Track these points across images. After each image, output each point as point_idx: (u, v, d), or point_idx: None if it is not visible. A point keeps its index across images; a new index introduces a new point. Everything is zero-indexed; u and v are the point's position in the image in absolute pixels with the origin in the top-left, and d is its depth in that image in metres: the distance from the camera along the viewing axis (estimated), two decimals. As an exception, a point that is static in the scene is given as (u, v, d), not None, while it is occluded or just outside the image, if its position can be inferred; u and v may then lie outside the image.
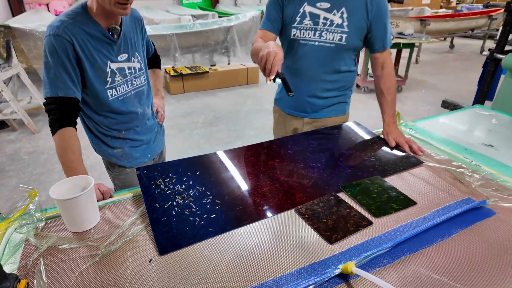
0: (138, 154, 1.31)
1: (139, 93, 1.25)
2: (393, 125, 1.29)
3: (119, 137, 1.25)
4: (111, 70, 1.11)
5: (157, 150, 1.41)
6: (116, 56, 1.12)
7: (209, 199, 0.91)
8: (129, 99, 1.21)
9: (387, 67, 1.32)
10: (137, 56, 1.21)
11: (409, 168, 1.10)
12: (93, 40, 1.04)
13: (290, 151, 1.18)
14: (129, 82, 1.19)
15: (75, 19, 1.01)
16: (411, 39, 4.32)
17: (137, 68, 1.21)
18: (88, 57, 1.04)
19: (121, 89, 1.17)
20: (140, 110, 1.26)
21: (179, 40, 4.83)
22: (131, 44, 1.17)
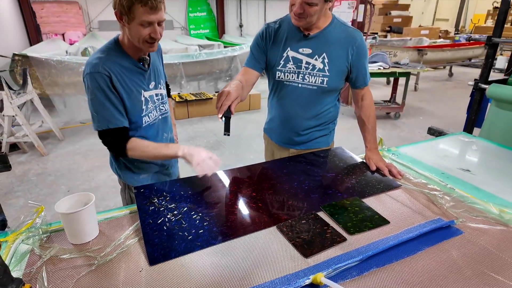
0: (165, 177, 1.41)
1: (165, 119, 1.34)
2: (374, 150, 1.38)
3: (147, 164, 1.33)
4: (145, 98, 1.21)
5: (176, 173, 1.51)
6: (148, 85, 1.22)
7: (198, 215, 1.00)
8: (157, 124, 1.30)
9: (366, 99, 1.43)
10: (162, 83, 1.31)
11: (386, 190, 1.18)
12: (127, 71, 1.15)
13: (277, 173, 1.28)
14: (157, 108, 1.28)
15: (110, 54, 1.12)
16: (407, 68, 4.49)
17: (163, 94, 1.31)
18: (125, 88, 1.14)
19: (151, 115, 1.26)
20: (165, 135, 1.36)
21: (185, 69, 5.08)
22: (157, 72, 1.28)
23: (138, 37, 1.07)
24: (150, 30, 1.06)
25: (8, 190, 2.88)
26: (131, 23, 1.04)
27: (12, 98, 3.35)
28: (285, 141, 1.53)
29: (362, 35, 1.36)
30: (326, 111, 1.45)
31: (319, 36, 1.32)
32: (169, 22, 10.74)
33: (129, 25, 1.05)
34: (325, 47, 1.32)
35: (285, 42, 1.36)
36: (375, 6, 10.94)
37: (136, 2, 1.00)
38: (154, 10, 1.02)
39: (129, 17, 1.03)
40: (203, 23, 11.15)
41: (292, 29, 1.35)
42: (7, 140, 3.42)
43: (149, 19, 1.03)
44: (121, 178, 1.35)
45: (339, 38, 1.32)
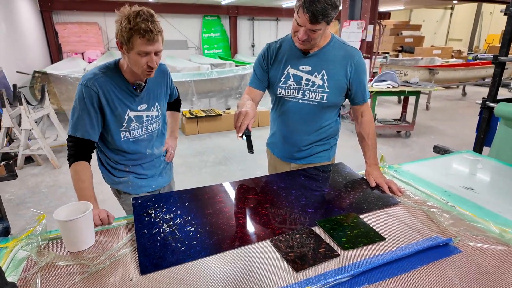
0: (143, 183, 1.44)
1: (151, 136, 1.40)
2: (374, 166, 1.37)
3: (126, 170, 1.39)
4: (129, 117, 1.29)
5: (162, 183, 1.53)
6: (136, 106, 1.30)
7: (192, 227, 1.01)
8: (140, 141, 1.37)
9: (366, 115, 1.45)
10: (156, 106, 1.38)
11: (385, 207, 1.17)
12: (118, 91, 1.24)
13: (275, 187, 1.28)
14: (143, 127, 1.35)
15: (106, 73, 1.22)
16: (416, 87, 4.47)
17: (154, 116, 1.38)
18: (110, 105, 1.23)
19: (134, 132, 1.33)
20: (149, 151, 1.41)
21: (196, 86, 5.21)
22: (153, 96, 1.35)
23: (137, 65, 1.16)
24: (147, 60, 1.15)
25: (20, 201, 2.96)
26: (130, 52, 1.13)
27: (30, 112, 3.50)
28: (286, 155, 1.54)
29: (361, 53, 1.40)
30: (326, 126, 1.46)
31: (318, 54, 1.36)
32: (183, 42, 11.13)
33: (128, 53, 1.14)
34: (324, 64, 1.36)
35: (286, 61, 1.40)
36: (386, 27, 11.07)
37: (135, 34, 1.08)
38: (151, 42, 1.10)
39: (128, 47, 1.12)
40: (217, 43, 11.50)
41: (292, 48, 1.39)
42: (22, 152, 3.55)
43: (146, 50, 1.12)
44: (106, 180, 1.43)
45: (337, 56, 1.36)
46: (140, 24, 1.07)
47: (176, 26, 10.86)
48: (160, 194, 1.19)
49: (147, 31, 1.08)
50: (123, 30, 1.09)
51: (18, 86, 3.90)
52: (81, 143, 1.19)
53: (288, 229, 1.02)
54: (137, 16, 1.07)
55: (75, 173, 1.17)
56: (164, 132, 1.50)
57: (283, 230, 1.01)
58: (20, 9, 7.09)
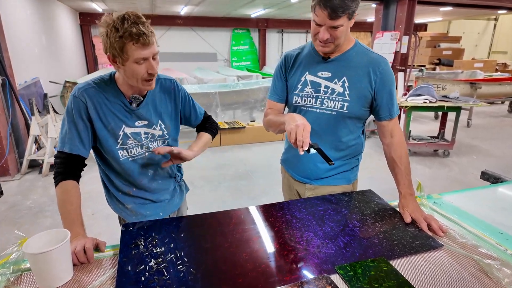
0: (149, 212, 1.29)
1: (154, 156, 1.24)
2: (409, 197, 1.15)
3: (129, 194, 1.26)
4: (124, 133, 1.15)
5: (171, 209, 1.37)
6: (133, 122, 1.16)
7: (184, 266, 0.85)
8: (140, 160, 1.22)
9: (396, 135, 1.24)
10: (160, 124, 1.22)
11: (423, 251, 0.94)
12: (111, 105, 1.11)
13: (287, 218, 1.10)
14: (144, 145, 1.20)
15: (99, 85, 1.11)
16: (457, 102, 4.10)
17: (157, 135, 1.22)
18: (102, 119, 1.11)
19: (133, 151, 1.19)
20: (151, 172, 1.26)
21: (221, 98, 5.16)
22: (156, 113, 1.20)
23: (136, 76, 1.03)
24: (146, 67, 1.03)
25: (40, 209, 2.98)
26: (126, 64, 1.01)
27: (56, 121, 3.57)
28: (301, 174, 1.36)
29: (388, 62, 1.21)
30: (347, 142, 1.27)
31: (339, 59, 1.20)
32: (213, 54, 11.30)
33: (124, 66, 1.01)
34: (346, 70, 1.19)
35: (304, 67, 1.26)
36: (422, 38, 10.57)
37: (127, 41, 0.96)
38: (146, 45, 0.99)
39: (122, 58, 0.99)
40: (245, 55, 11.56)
41: (311, 53, 1.25)
42: (48, 160, 3.62)
43: (143, 56, 1.00)
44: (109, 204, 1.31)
45: (361, 62, 1.19)
46: (131, 29, 0.94)
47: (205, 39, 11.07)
48: (155, 221, 1.04)
49: (140, 34, 0.95)
50: (113, 40, 0.96)
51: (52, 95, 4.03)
52: (70, 159, 1.08)
53: (298, 276, 0.83)
54: (124, 21, 0.95)
55: (62, 194, 1.05)
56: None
57: (294, 277, 0.83)
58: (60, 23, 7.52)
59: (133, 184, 1.23)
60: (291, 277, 0.82)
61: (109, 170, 1.21)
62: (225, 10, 9.48)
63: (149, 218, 1.27)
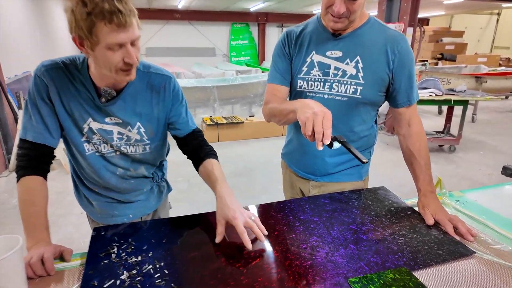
0: (116, 212, 1.13)
1: (127, 157, 1.06)
2: (430, 195, 0.99)
3: (95, 191, 1.09)
4: (90, 128, 0.96)
5: (145, 211, 1.18)
6: (103, 118, 0.97)
7: (164, 280, 0.69)
8: (110, 158, 1.03)
9: (414, 125, 1.08)
10: (139, 127, 1.01)
11: (452, 259, 0.79)
12: (77, 93, 0.92)
13: (289, 220, 0.94)
14: (115, 146, 1.01)
15: (68, 67, 0.91)
16: (464, 96, 3.93)
17: (134, 138, 1.02)
18: (65, 106, 0.93)
19: (100, 147, 1.00)
20: (121, 171, 1.06)
21: (219, 92, 4.99)
22: (134, 113, 0.99)
23: (109, 65, 0.81)
24: (122, 54, 0.80)
25: (26, 208, 2.81)
26: (96, 49, 0.78)
27: (46, 115, 3.40)
28: (305, 169, 1.19)
29: (407, 39, 1.04)
30: (359, 132, 1.11)
31: (351, 36, 1.03)
32: (211, 49, 11.12)
33: (94, 51, 0.79)
34: (359, 49, 1.02)
35: (309, 45, 1.08)
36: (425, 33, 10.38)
37: (97, 20, 0.73)
38: (123, 27, 0.76)
39: (91, 42, 0.77)
40: (244, 50, 11.38)
41: (318, 30, 1.07)
42: (37, 156, 3.46)
43: (118, 40, 0.77)
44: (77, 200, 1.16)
45: (377, 40, 1.03)
46: (102, 4, 0.72)
47: (204, 33, 10.88)
48: (134, 224, 0.89)
49: (113, 12, 0.73)
50: (79, 18, 0.74)
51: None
52: (34, 150, 0.90)
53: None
54: None
55: (23, 193, 0.88)
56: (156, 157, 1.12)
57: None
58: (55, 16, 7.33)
59: (100, 182, 1.06)
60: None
61: (76, 162, 1.05)
62: (223, 4, 9.28)
63: (117, 218, 1.12)
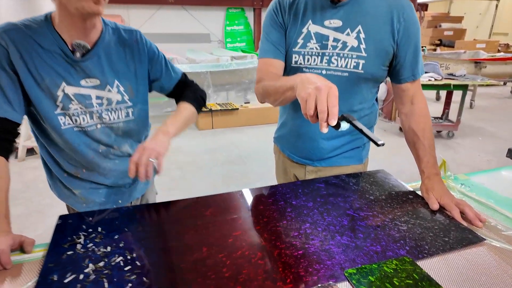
0: (103, 199, 1.04)
1: (110, 129, 0.98)
2: (435, 178, 0.91)
3: (77, 176, 1.00)
4: (65, 94, 0.87)
5: (134, 195, 1.11)
6: (78, 79, 0.88)
7: (135, 274, 0.61)
8: (91, 133, 0.95)
9: (418, 102, 0.98)
10: (117, 85, 0.94)
11: (460, 247, 0.71)
12: (45, 54, 0.83)
13: (280, 206, 0.85)
14: (94, 114, 0.93)
15: (30, 26, 0.82)
16: (464, 80, 3.84)
17: (115, 100, 0.95)
18: (32, 72, 0.83)
19: (79, 119, 0.91)
20: (103, 148, 0.98)
21: (213, 78, 4.84)
22: (111, 70, 0.93)
23: None
24: None
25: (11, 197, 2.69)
26: None
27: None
28: (300, 154, 1.10)
29: (413, 6, 0.93)
30: (360, 111, 1.02)
31: (351, 3, 0.92)
32: (206, 35, 10.85)
33: None
34: (361, 17, 0.91)
35: (305, 14, 0.96)
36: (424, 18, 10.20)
37: None
38: None
39: None
40: (240, 36, 11.13)
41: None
42: (23, 144, 3.34)
43: None
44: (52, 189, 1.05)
45: (380, 7, 0.92)
46: None
47: (198, 18, 10.61)
48: (103, 211, 0.79)
49: None
50: None
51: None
52: None
53: (296, 285, 0.59)
54: None
55: None
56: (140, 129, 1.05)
57: (288, 287, 0.59)
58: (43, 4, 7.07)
59: (81, 163, 0.96)
60: (284, 284, 0.59)
61: (50, 143, 0.94)
62: (218, -12, 9.00)
63: (105, 207, 1.02)
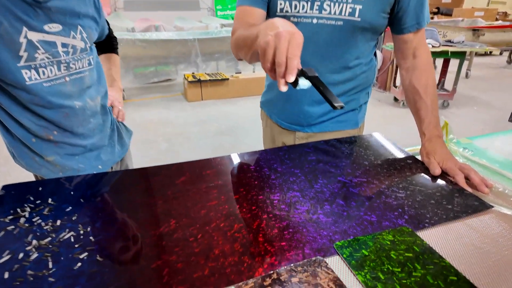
0: (82, 165, 0.95)
1: (79, 81, 0.89)
2: (437, 140, 0.81)
3: (49, 139, 0.89)
4: (28, 41, 0.75)
5: (114, 159, 1.04)
6: (42, 24, 0.77)
7: (86, 251, 0.51)
8: (61, 87, 0.85)
9: (422, 55, 0.87)
10: (81, 32, 0.86)
11: (465, 215, 0.62)
12: None
13: (265, 170, 0.75)
14: (62, 64, 0.83)
15: None
16: (462, 47, 3.70)
17: (79, 47, 0.86)
18: None
19: (47, 71, 0.81)
20: (78, 104, 0.90)
21: (201, 46, 4.60)
22: (74, 14, 0.83)
23: None
24: None
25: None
26: None
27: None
28: (289, 119, 1.00)
29: None
30: (355, 68, 0.90)
31: None
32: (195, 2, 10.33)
33: None
34: None
35: None
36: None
37: None
38: None
39: None
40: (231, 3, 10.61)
41: None
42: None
43: None
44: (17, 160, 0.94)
45: None
46: None
47: (187, -16, 10.04)
48: (59, 180, 0.69)
49: None
50: None
51: None
52: None
53: (280, 263, 0.50)
54: None
55: None
56: (101, 76, 0.98)
57: (270, 264, 0.50)
58: None
59: (53, 123, 0.86)
60: (264, 263, 0.50)
61: (11, 103, 0.81)
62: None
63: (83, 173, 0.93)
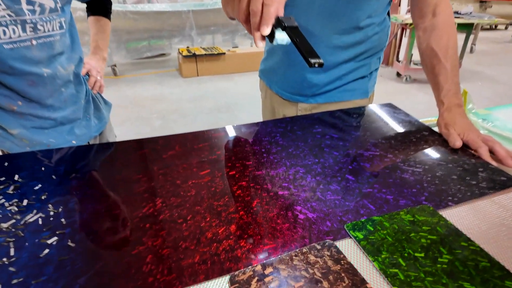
0: (52, 140, 0.86)
1: (48, 45, 0.79)
2: (457, 110, 0.73)
3: (13, 110, 0.80)
4: None
5: (90, 133, 0.95)
6: None
7: (56, 236, 0.44)
8: (26, 51, 0.75)
9: (442, 13, 0.76)
10: None
11: (492, 192, 0.55)
12: None
13: (266, 143, 0.67)
14: (28, 24, 0.73)
15: None
16: (470, 18, 3.54)
17: (48, 7, 0.76)
18: None
19: (9, 31, 0.71)
20: (47, 71, 0.80)
21: (195, 18, 4.40)
22: None
23: None
24: None
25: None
26: None
27: None
28: (291, 89, 0.91)
29: None
30: (367, 29, 0.80)
31: None
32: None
33: None
34: None
35: None
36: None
37: None
38: None
39: None
40: (227, -26, 10.18)
41: None
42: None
43: None
44: None
45: None
46: None
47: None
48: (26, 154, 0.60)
49: None
50: None
51: None
52: None
53: (282, 248, 0.43)
54: None
55: None
56: (75, 41, 0.88)
57: (272, 249, 0.43)
58: None
59: (17, 92, 0.77)
60: (264, 248, 0.43)
61: None
62: None
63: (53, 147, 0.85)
